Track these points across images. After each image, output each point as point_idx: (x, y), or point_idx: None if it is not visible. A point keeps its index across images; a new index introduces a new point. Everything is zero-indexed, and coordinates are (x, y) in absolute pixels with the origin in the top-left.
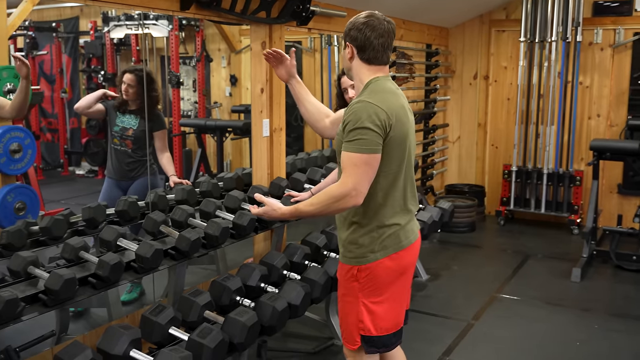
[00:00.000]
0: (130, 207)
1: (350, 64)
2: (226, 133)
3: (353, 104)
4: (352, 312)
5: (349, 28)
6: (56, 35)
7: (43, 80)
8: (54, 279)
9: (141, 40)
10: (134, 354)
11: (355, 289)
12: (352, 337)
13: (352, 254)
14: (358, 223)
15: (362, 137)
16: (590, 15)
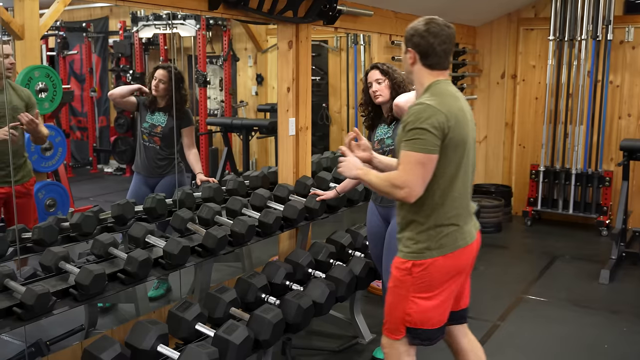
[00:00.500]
0: (158, 205)
1: (411, 68)
2: (252, 132)
3: (413, 106)
4: (401, 304)
5: (410, 34)
6: (86, 35)
7: (73, 79)
8: (84, 274)
9: (169, 39)
10: (161, 349)
11: (408, 282)
12: (396, 327)
13: (408, 249)
14: (416, 221)
15: (419, 137)
16: (621, 13)
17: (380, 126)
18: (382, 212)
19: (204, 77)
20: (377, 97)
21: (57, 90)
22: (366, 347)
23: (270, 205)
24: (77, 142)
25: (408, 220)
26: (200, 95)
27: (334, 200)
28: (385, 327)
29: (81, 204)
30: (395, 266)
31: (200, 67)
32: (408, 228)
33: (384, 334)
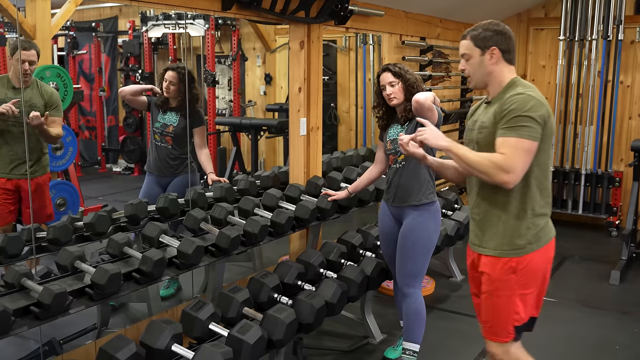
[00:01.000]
0: (171, 204)
1: (491, 68)
2: (261, 131)
3: (514, 95)
4: (508, 306)
5: (489, 34)
6: (95, 35)
7: (82, 78)
8: (100, 273)
9: (178, 39)
10: (175, 348)
11: (512, 281)
12: (505, 330)
13: (509, 247)
14: (514, 214)
15: (525, 125)
16: (632, 13)
17: (393, 126)
18: (394, 212)
19: (212, 77)
20: (391, 100)
21: (68, 90)
22: (377, 347)
23: (282, 205)
24: (85, 141)
25: (506, 216)
26: (208, 95)
27: (345, 200)
28: (492, 333)
29: (90, 203)
30: (493, 268)
31: (209, 66)
32: (506, 224)
33: (492, 340)
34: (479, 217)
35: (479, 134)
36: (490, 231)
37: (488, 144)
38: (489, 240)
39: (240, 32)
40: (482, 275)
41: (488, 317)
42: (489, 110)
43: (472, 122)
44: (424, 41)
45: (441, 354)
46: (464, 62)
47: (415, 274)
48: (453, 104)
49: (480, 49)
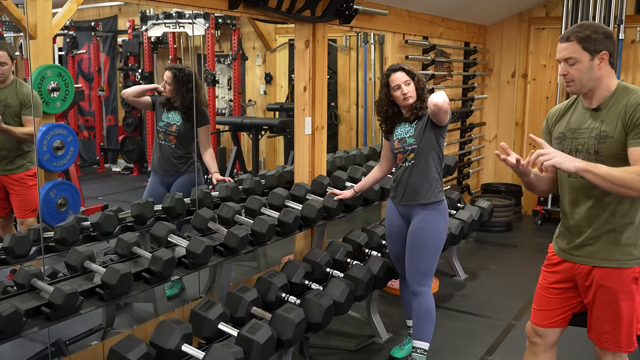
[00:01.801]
0: (177, 204)
1: (600, 73)
2: (262, 131)
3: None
4: (632, 315)
5: (600, 38)
6: (95, 35)
7: (81, 78)
8: (110, 273)
9: (178, 38)
10: (185, 348)
11: (634, 291)
12: (630, 340)
13: (630, 256)
14: (632, 224)
15: None
16: (633, 13)
17: (399, 125)
18: (402, 211)
19: (212, 76)
20: (408, 99)
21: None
22: (383, 346)
23: (289, 204)
24: (84, 141)
25: (624, 224)
26: (209, 94)
27: (351, 200)
28: (614, 344)
29: (90, 203)
30: (616, 279)
31: (209, 66)
32: (625, 232)
33: (617, 351)
34: (593, 228)
35: (601, 144)
36: (608, 241)
37: (613, 154)
38: (605, 251)
39: (241, 31)
40: (598, 288)
41: (613, 328)
42: (602, 117)
43: (570, 130)
44: (427, 40)
45: (446, 354)
46: (568, 67)
47: (426, 273)
48: (455, 103)
49: (590, 53)
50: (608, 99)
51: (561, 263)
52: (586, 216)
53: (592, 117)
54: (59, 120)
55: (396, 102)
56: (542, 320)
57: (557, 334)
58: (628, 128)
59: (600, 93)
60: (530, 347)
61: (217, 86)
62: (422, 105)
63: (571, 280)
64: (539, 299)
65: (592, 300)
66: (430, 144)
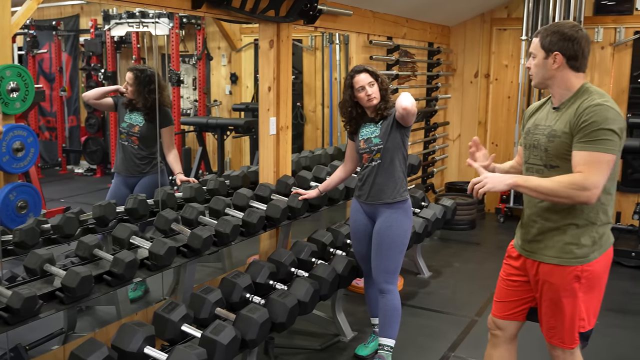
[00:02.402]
0: (140, 205)
1: (553, 72)
2: (227, 131)
3: (593, 106)
4: (574, 312)
5: (556, 38)
6: (56, 34)
7: (42, 78)
8: (71, 276)
9: (142, 38)
10: (148, 350)
11: (576, 289)
12: (572, 336)
13: (572, 255)
14: (579, 224)
15: (607, 138)
16: (591, 14)
17: (364, 126)
18: (367, 210)
19: (177, 76)
20: (372, 100)
21: (29, 90)
22: (348, 344)
23: (253, 204)
24: (46, 142)
25: (568, 223)
26: (173, 94)
27: (315, 199)
28: (557, 339)
29: (52, 206)
30: (558, 276)
31: (174, 66)
32: (568, 231)
33: (559, 346)
34: (541, 225)
35: (550, 142)
36: (553, 239)
37: (559, 154)
38: (551, 248)
39: (205, 31)
40: (544, 284)
41: (551, 324)
42: (558, 116)
43: (534, 126)
44: (391, 41)
45: (410, 350)
46: (530, 59)
47: (394, 271)
48: (419, 103)
49: (545, 52)
50: (567, 100)
51: (518, 257)
52: (535, 213)
53: (552, 116)
54: (18, 121)
55: (360, 103)
56: (501, 312)
57: (516, 327)
58: (574, 130)
59: (560, 93)
60: (491, 340)
61: (182, 86)
62: (386, 106)
63: (526, 274)
64: (499, 291)
65: (540, 295)
66: (396, 144)
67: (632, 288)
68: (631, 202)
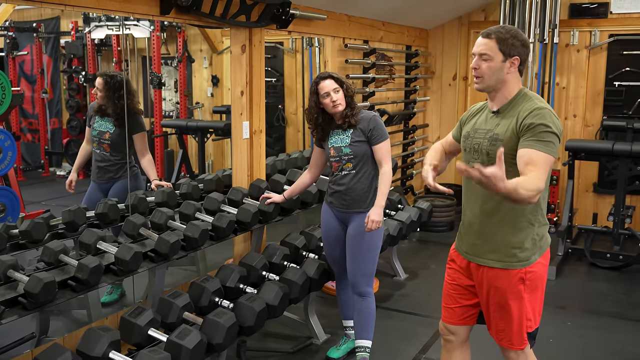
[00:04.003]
0: (110, 210)
1: (506, 76)
2: (208, 134)
3: (537, 109)
4: (521, 314)
5: (517, 44)
6: (37, 36)
7: (24, 80)
8: (33, 282)
9: (123, 40)
10: (113, 355)
11: (522, 290)
12: (521, 337)
13: (515, 259)
14: (519, 226)
15: (552, 141)
16: (566, 17)
17: (333, 133)
18: (339, 215)
19: (158, 79)
20: (337, 106)
21: (6, 92)
22: (321, 347)
23: (224, 209)
24: (28, 144)
25: (509, 226)
26: (155, 97)
27: (287, 203)
28: (509, 342)
29: (33, 208)
30: (503, 280)
31: (155, 68)
32: (510, 235)
33: (510, 348)
34: (482, 228)
35: (492, 146)
36: (496, 243)
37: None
38: (494, 252)
39: (186, 33)
40: (490, 288)
41: (500, 327)
42: (499, 120)
43: (473, 130)
44: (367, 44)
45: (383, 352)
46: (481, 61)
47: (371, 274)
48: (397, 106)
49: (504, 55)
50: (507, 104)
51: (462, 261)
52: (476, 216)
53: (491, 120)
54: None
55: (326, 109)
56: (450, 318)
57: (468, 331)
58: (520, 132)
59: (502, 96)
60: (445, 345)
61: (163, 89)
62: (352, 113)
63: (471, 277)
64: (447, 297)
65: (486, 298)
66: (367, 153)
67: (606, 289)
68: (607, 203)
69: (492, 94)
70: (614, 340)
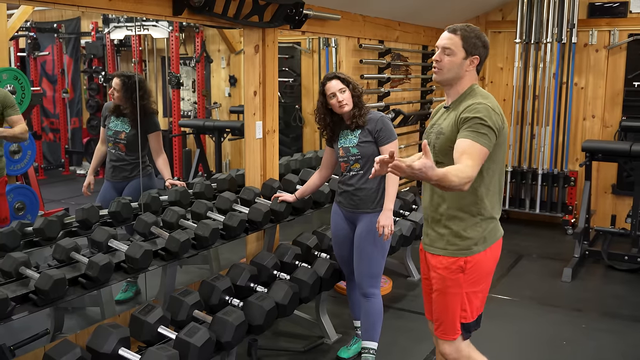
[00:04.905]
0: (123, 209)
1: (464, 73)
2: (224, 133)
3: (476, 104)
4: (456, 303)
5: (479, 44)
6: (57, 36)
7: (45, 80)
8: (43, 279)
9: (141, 41)
10: (122, 352)
11: (460, 280)
12: (453, 327)
13: (456, 247)
14: (463, 216)
15: (485, 133)
16: (585, 17)
17: (343, 133)
18: (347, 215)
19: (176, 79)
20: (343, 107)
21: (25, 92)
22: (331, 347)
23: (236, 208)
24: (49, 143)
25: (451, 215)
26: (173, 97)
27: (299, 202)
28: (441, 330)
29: (52, 207)
30: (442, 266)
31: (173, 68)
32: (452, 223)
33: (442, 338)
34: (431, 218)
35: (437, 139)
36: (440, 231)
37: (443, 151)
38: (439, 240)
39: (205, 34)
40: (434, 276)
41: (437, 315)
42: (447, 115)
43: (431, 125)
44: (382, 44)
45: (393, 352)
46: (443, 55)
47: (377, 275)
48: (413, 106)
49: (466, 53)
50: (457, 100)
51: (423, 253)
52: (427, 207)
53: (443, 115)
54: None
55: (333, 110)
56: (429, 314)
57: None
58: (459, 124)
59: (455, 92)
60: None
61: (181, 89)
62: (360, 113)
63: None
64: (424, 294)
65: (432, 287)
66: (375, 154)
67: (623, 292)
68: (626, 205)
69: (447, 89)
70: (627, 344)
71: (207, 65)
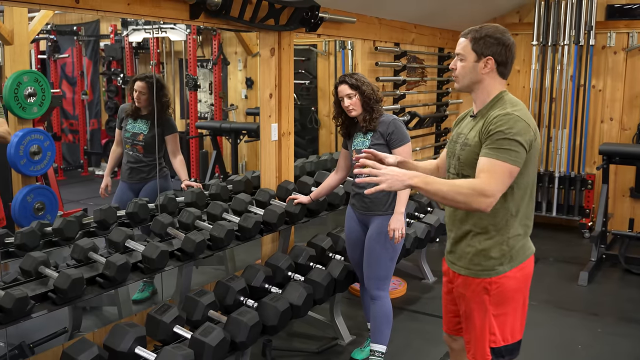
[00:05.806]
0: (140, 209)
1: (481, 76)
2: (241, 135)
3: (502, 115)
4: (484, 326)
5: (491, 42)
6: (77, 39)
7: (65, 82)
8: (62, 278)
9: (159, 43)
10: (138, 351)
11: (486, 301)
12: (483, 351)
13: (480, 267)
14: (488, 234)
15: (511, 149)
16: (603, 19)
17: (356, 135)
18: (360, 217)
19: (194, 81)
20: (350, 112)
21: (45, 94)
22: (346, 348)
23: (251, 209)
24: (68, 144)
25: (476, 233)
26: (190, 99)
27: (314, 204)
28: (470, 354)
29: (71, 207)
30: (468, 288)
31: (191, 71)
32: (476, 242)
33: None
34: (455, 234)
35: (462, 150)
36: (464, 249)
37: (469, 163)
38: (462, 259)
39: (222, 36)
40: (459, 296)
41: (468, 336)
42: (473, 125)
43: (457, 134)
44: (398, 47)
45: (407, 355)
46: (457, 61)
47: (384, 277)
48: (429, 108)
49: (476, 55)
50: (484, 108)
51: (446, 268)
52: (451, 222)
53: (469, 124)
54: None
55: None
56: (447, 327)
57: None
58: (483, 138)
59: (481, 99)
60: (451, 353)
61: (199, 91)
62: (371, 117)
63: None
64: (444, 306)
65: (460, 307)
66: None
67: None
68: None
69: (473, 96)
70: None
71: (224, 68)
